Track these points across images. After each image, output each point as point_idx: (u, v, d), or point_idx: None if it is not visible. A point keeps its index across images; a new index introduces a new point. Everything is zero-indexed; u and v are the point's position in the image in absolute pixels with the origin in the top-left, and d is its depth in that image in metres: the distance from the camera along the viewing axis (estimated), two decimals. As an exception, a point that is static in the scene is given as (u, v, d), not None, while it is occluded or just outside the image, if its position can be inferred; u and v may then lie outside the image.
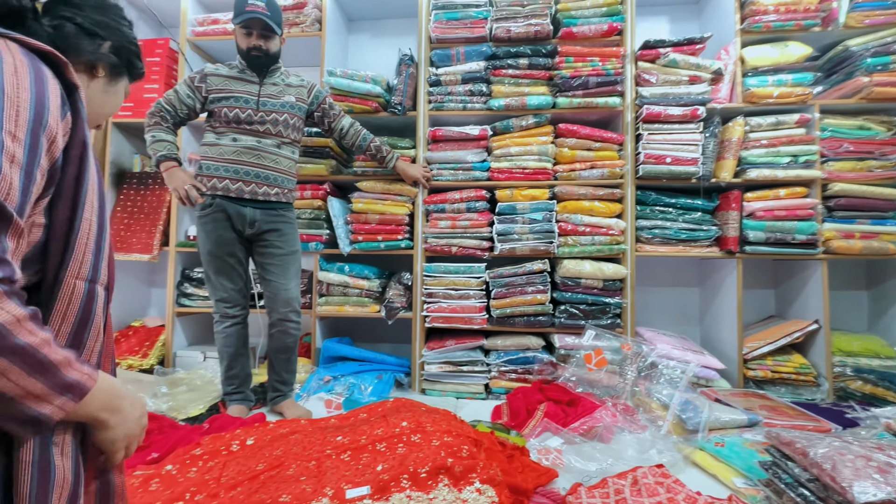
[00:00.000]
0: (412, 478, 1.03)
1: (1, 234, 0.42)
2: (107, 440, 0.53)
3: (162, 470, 1.17)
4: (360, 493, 0.97)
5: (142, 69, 0.73)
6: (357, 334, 2.35)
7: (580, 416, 1.58)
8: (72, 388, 0.46)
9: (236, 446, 1.26)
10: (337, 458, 1.12)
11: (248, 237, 1.66)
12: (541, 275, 1.94)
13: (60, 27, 0.59)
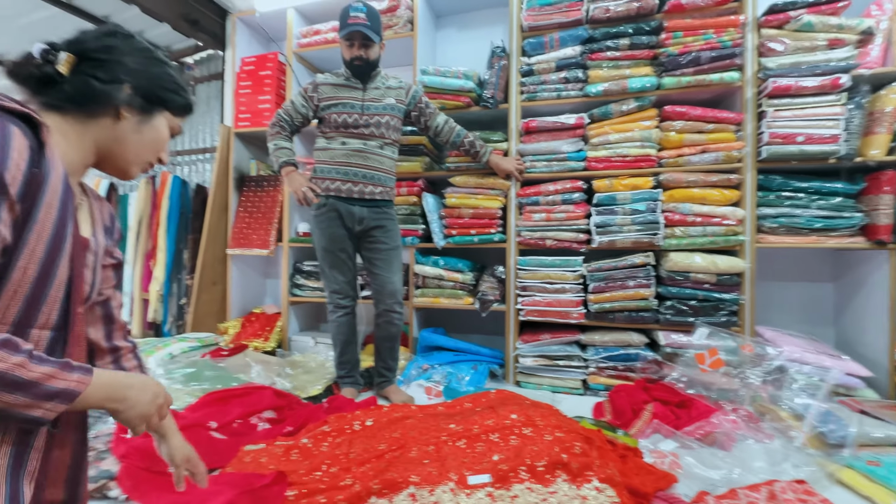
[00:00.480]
0: (530, 470, 1.05)
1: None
2: (123, 421, 0.61)
3: (299, 442, 1.32)
4: (481, 481, 1.02)
5: (181, 102, 0.74)
6: (450, 325, 2.43)
7: (694, 420, 1.49)
8: (58, 395, 0.51)
9: (358, 426, 1.39)
10: (453, 444, 1.18)
11: (357, 234, 1.79)
12: (644, 268, 1.84)
13: (80, 83, 0.63)
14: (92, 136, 0.67)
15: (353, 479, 1.09)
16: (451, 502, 0.95)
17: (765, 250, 1.90)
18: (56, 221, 0.56)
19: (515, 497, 0.98)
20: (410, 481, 1.01)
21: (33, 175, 0.53)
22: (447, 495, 0.96)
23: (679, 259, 1.79)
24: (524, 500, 0.97)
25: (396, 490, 1.00)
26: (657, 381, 1.77)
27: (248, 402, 1.56)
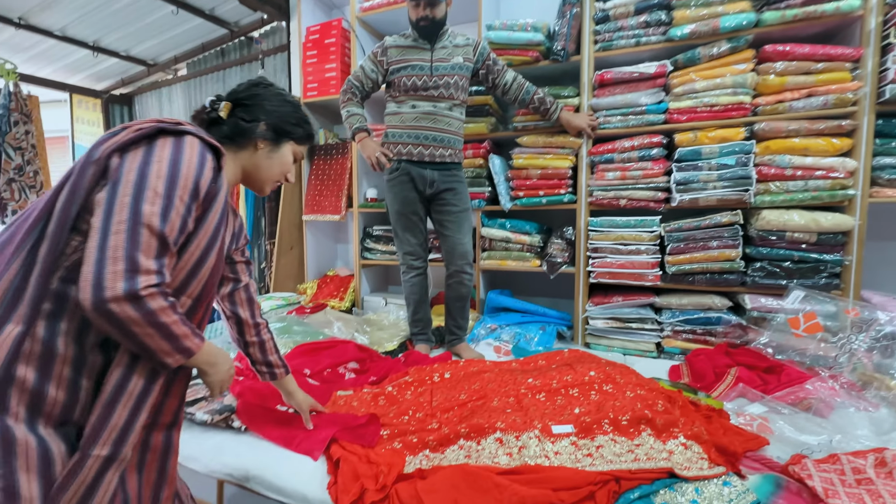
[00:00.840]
0: (613, 423, 1.07)
1: (163, 257, 0.65)
2: (207, 382, 0.81)
3: (385, 390, 1.44)
4: (565, 430, 1.06)
5: (301, 133, 0.95)
6: (516, 287, 2.45)
7: (784, 386, 1.42)
8: (184, 350, 0.70)
9: (437, 378, 1.47)
10: (533, 397, 1.22)
11: (428, 197, 1.83)
12: (731, 228, 1.72)
13: (233, 123, 0.88)
14: (240, 163, 0.91)
15: (439, 423, 1.18)
16: (537, 447, 1.00)
17: (878, 206, 1.69)
18: (217, 224, 0.74)
19: (600, 447, 1.01)
20: (497, 427, 1.06)
21: (212, 188, 0.73)
22: (533, 441, 1.01)
23: (773, 217, 1.65)
24: (609, 450, 1.00)
25: (483, 434, 1.06)
26: (741, 346, 1.68)
27: (335, 354, 1.71)
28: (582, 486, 0.85)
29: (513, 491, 0.83)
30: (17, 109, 3.05)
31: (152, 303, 0.63)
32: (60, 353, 0.63)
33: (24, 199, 3.13)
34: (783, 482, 0.96)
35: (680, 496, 0.90)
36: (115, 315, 0.61)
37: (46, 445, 0.60)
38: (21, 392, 0.60)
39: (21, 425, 0.59)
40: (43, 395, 0.61)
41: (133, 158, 0.66)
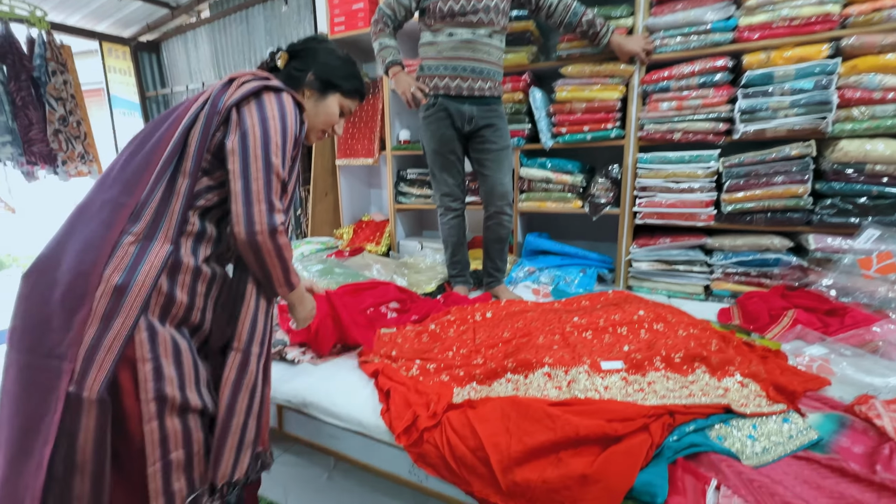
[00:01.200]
0: (665, 361, 1.05)
1: (283, 200, 0.82)
2: (296, 318, 0.98)
3: (427, 328, 1.46)
4: (615, 367, 1.05)
5: (349, 86, 0.97)
6: (554, 230, 2.38)
7: (848, 328, 1.34)
8: (290, 284, 0.87)
9: (479, 317, 1.48)
10: (579, 335, 1.21)
11: (466, 134, 1.74)
12: (800, 161, 1.56)
13: (286, 72, 0.94)
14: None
15: (484, 359, 1.19)
16: (587, 381, 0.99)
17: (982, 132, 1.48)
18: (298, 163, 0.89)
19: (652, 383, 1.00)
20: (545, 361, 1.07)
21: (300, 138, 0.87)
22: (582, 375, 1.01)
23: (852, 148, 1.48)
24: (662, 385, 0.98)
25: (531, 368, 1.07)
26: (799, 289, 1.59)
27: (377, 294, 1.74)
28: (635, 418, 0.85)
29: (565, 420, 0.84)
30: (52, 59, 3.08)
31: (282, 238, 0.81)
32: (184, 264, 0.76)
33: (72, 150, 3.24)
34: (847, 421, 0.93)
35: (736, 431, 0.89)
36: (259, 245, 0.78)
37: (176, 339, 0.75)
38: (159, 295, 0.73)
39: (156, 321, 0.73)
40: (173, 298, 0.75)
41: (251, 113, 0.79)
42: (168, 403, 0.71)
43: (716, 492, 0.74)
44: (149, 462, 0.69)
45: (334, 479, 1.42)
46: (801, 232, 1.66)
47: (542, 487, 0.77)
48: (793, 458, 0.83)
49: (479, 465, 0.83)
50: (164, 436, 0.70)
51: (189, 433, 0.74)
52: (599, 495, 0.74)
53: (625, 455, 0.78)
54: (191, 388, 0.75)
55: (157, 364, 0.70)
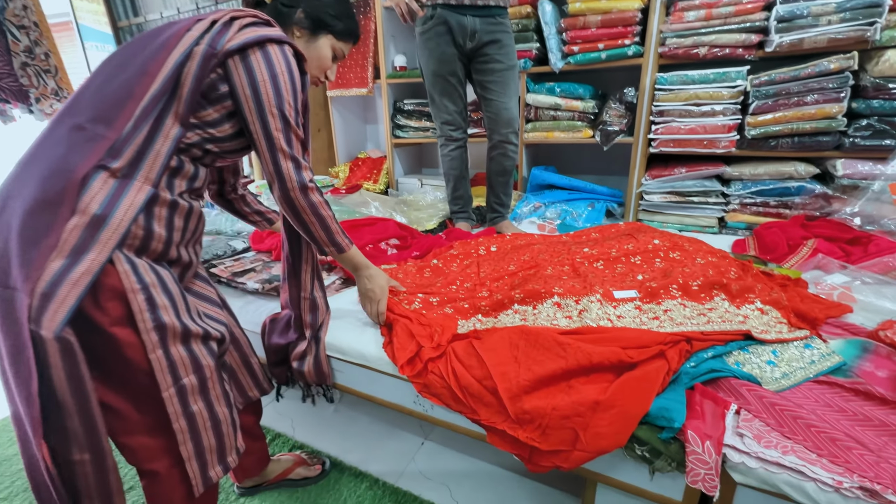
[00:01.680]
0: (682, 289, 0.99)
1: (307, 156, 0.82)
2: (358, 290, 1.03)
3: (430, 262, 1.40)
4: (628, 296, 0.99)
5: (341, 27, 0.89)
6: (560, 164, 2.26)
7: (872, 256, 1.28)
8: (336, 244, 0.89)
9: (483, 251, 1.41)
10: (590, 265, 1.15)
11: (469, 52, 1.57)
12: (839, 76, 1.41)
13: (273, 7, 0.87)
14: None
15: (489, 291, 1.14)
16: (599, 311, 0.94)
17: None
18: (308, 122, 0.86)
19: (668, 311, 0.95)
20: (554, 291, 1.01)
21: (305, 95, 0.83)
22: (594, 304, 0.96)
23: (900, 58, 1.32)
24: (678, 313, 0.94)
25: (540, 299, 1.02)
26: (819, 218, 1.51)
27: (376, 231, 1.66)
28: (651, 345, 0.80)
29: (577, 347, 0.80)
30: (7, -21, 2.76)
31: (315, 195, 0.82)
32: (161, 198, 0.71)
33: (44, 86, 3.01)
34: (871, 346, 0.89)
35: (755, 357, 0.85)
36: (293, 202, 0.80)
37: (157, 270, 0.71)
38: (137, 230, 0.68)
39: (133, 256, 0.69)
40: (151, 232, 0.70)
41: (259, 67, 0.74)
42: (169, 331, 0.69)
43: (736, 416, 0.71)
44: (162, 388, 0.68)
45: (341, 412, 1.43)
46: (828, 158, 1.55)
47: (553, 414, 0.74)
48: (814, 382, 0.79)
49: (487, 393, 0.80)
50: (171, 362, 0.69)
51: (197, 360, 0.72)
52: (613, 421, 0.71)
53: (640, 381, 0.74)
54: (185, 316, 0.72)
55: (149, 294, 0.67)
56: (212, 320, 0.79)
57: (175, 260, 0.76)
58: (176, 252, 0.76)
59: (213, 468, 0.75)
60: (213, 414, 0.75)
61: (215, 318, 0.81)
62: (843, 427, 0.68)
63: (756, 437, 0.67)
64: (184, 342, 0.71)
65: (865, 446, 0.64)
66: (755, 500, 0.66)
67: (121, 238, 0.65)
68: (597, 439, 0.70)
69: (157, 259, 0.73)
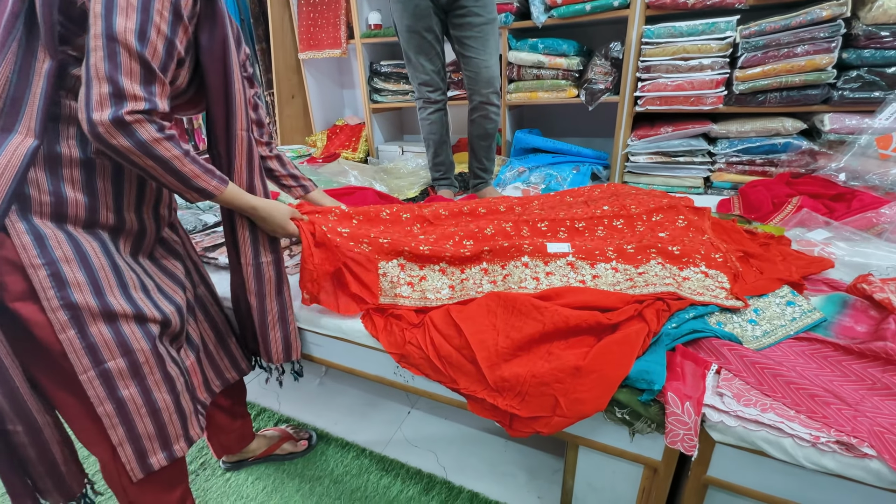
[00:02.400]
0: (618, 251, 0.96)
1: (151, 84, 0.61)
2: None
3: (379, 214, 1.14)
4: (561, 250, 0.96)
5: None
6: (545, 126, 2.19)
7: (855, 213, 1.27)
8: (199, 190, 0.70)
9: (428, 211, 1.27)
10: (534, 224, 1.09)
11: (445, 5, 1.47)
12: (831, 25, 1.35)
13: None
14: None
15: (453, 246, 1.03)
16: (525, 271, 0.92)
17: None
18: (222, 46, 0.71)
19: (597, 277, 0.91)
20: (524, 250, 0.97)
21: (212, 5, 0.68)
22: (519, 268, 0.93)
23: (893, 4, 1.27)
24: (610, 278, 0.90)
25: (508, 258, 0.97)
26: (804, 175, 1.50)
27: (355, 200, 1.60)
28: (621, 306, 0.79)
29: (553, 311, 0.77)
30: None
31: (142, 132, 0.60)
32: (65, 156, 0.63)
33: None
34: (850, 300, 0.88)
35: (737, 316, 0.84)
36: (106, 141, 0.59)
37: (78, 240, 0.64)
38: (40, 195, 0.61)
39: (48, 223, 0.62)
40: (62, 197, 0.63)
41: None
42: (84, 311, 0.63)
43: (716, 375, 0.70)
44: (77, 371, 0.63)
45: (325, 384, 1.43)
46: (816, 112, 1.51)
47: (532, 381, 0.72)
48: (795, 339, 0.79)
49: (466, 362, 0.78)
50: (89, 344, 0.63)
51: (125, 342, 0.66)
52: (593, 385, 0.70)
53: (620, 344, 0.73)
54: (112, 294, 0.65)
55: (55, 269, 0.61)
56: (163, 298, 0.73)
57: (116, 227, 0.69)
58: (114, 218, 0.69)
59: (154, 455, 0.71)
60: (149, 400, 0.69)
61: (167, 297, 0.75)
62: (822, 383, 0.68)
63: (735, 395, 0.66)
64: (108, 322, 0.65)
65: (844, 401, 0.64)
66: (733, 458, 0.66)
67: (5, 203, 0.57)
68: (577, 404, 0.69)
69: (87, 226, 0.66)
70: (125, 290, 0.67)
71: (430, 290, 0.93)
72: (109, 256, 0.67)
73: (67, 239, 0.63)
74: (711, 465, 0.69)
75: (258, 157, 0.83)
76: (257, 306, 0.88)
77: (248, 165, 0.80)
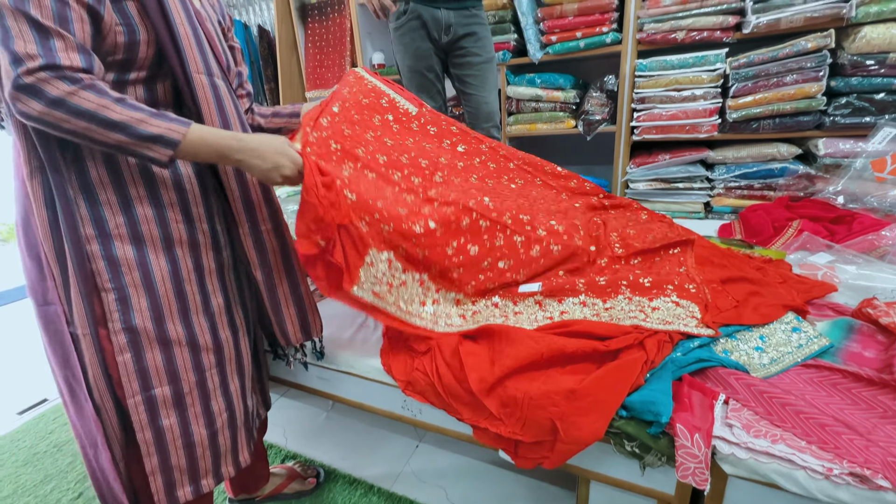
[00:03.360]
0: (588, 284, 0.95)
1: (46, 40, 0.54)
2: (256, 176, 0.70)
3: (351, 115, 0.96)
4: (530, 289, 0.95)
5: None
6: (545, 155, 2.23)
7: (856, 235, 1.28)
8: (155, 139, 0.59)
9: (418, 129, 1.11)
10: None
11: (444, 46, 1.54)
12: (817, 55, 1.41)
13: None
14: None
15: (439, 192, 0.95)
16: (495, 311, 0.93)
17: None
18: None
19: (564, 312, 0.92)
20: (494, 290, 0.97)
21: None
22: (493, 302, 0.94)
23: (876, 34, 1.32)
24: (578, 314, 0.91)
25: (481, 296, 0.98)
26: (803, 199, 1.51)
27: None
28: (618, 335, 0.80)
29: (550, 339, 0.78)
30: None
31: (50, 89, 0.54)
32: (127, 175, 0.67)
33: None
34: (856, 325, 0.88)
35: (743, 344, 0.84)
36: (24, 112, 0.55)
37: (149, 265, 0.68)
38: (114, 214, 0.66)
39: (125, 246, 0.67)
40: (133, 216, 0.67)
41: None
42: (142, 335, 0.66)
43: (724, 406, 0.70)
44: (126, 394, 0.66)
45: (333, 419, 1.41)
46: (810, 137, 1.55)
47: (530, 404, 0.73)
48: (803, 366, 0.78)
49: (465, 393, 0.79)
50: (142, 368, 0.67)
51: (174, 369, 0.69)
52: (588, 410, 0.69)
53: (616, 370, 0.73)
54: (172, 319, 0.69)
55: (123, 294, 0.65)
56: (225, 322, 0.75)
57: (192, 242, 0.71)
58: (187, 232, 0.70)
59: (182, 488, 0.72)
60: (186, 432, 0.71)
61: (231, 319, 0.76)
62: (832, 411, 0.67)
63: (745, 426, 0.66)
64: (162, 348, 0.67)
65: (855, 430, 0.64)
66: (747, 491, 0.65)
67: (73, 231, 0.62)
68: (573, 429, 0.69)
69: (165, 246, 0.68)
70: (185, 317, 0.70)
71: (407, 302, 0.87)
72: (177, 281, 0.69)
73: (138, 264, 0.66)
74: (726, 499, 0.68)
75: (236, 106, 0.73)
76: (264, 281, 0.79)
77: (220, 112, 0.70)
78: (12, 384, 1.76)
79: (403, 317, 0.86)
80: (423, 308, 0.90)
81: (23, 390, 1.69)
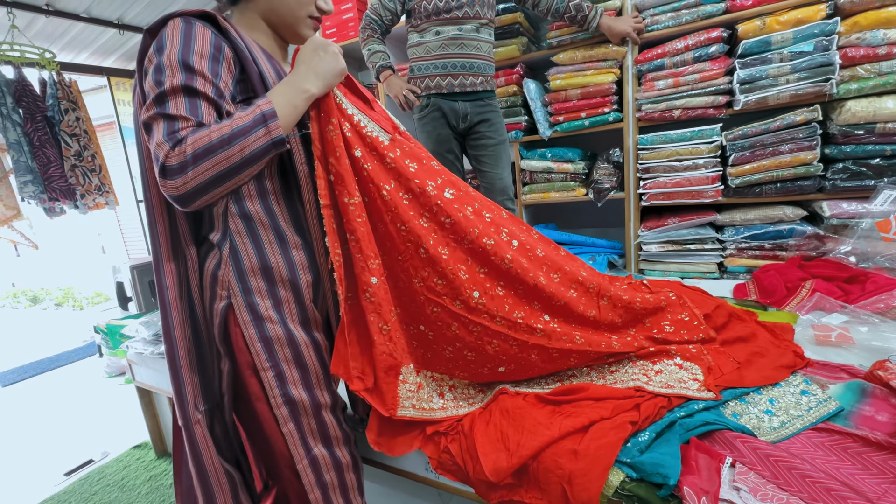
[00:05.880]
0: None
1: (175, 122, 0.65)
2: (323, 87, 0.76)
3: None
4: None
5: None
6: (560, 220, 2.36)
7: (870, 295, 1.29)
8: (258, 119, 0.68)
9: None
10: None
11: (462, 132, 1.75)
12: (807, 127, 1.51)
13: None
14: (252, 13, 0.81)
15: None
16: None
17: None
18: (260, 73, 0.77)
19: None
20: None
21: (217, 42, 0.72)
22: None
23: (860, 108, 1.43)
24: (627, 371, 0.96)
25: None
26: (816, 258, 1.54)
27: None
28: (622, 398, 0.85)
29: (561, 426, 0.82)
30: (64, 98, 3.21)
31: (195, 141, 0.63)
32: (247, 261, 0.79)
33: (89, 183, 3.37)
34: (869, 388, 0.90)
35: (752, 407, 0.87)
36: (183, 197, 0.65)
37: (296, 342, 0.80)
38: (262, 298, 0.78)
39: (275, 327, 0.77)
40: (274, 288, 0.79)
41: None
42: (299, 405, 0.76)
43: (731, 469, 0.72)
44: (296, 460, 0.76)
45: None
46: (813, 200, 1.61)
47: (539, 468, 0.77)
48: (813, 430, 0.80)
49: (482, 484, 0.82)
50: (303, 435, 0.77)
51: (325, 430, 0.80)
52: (588, 469, 0.73)
53: (609, 428, 0.78)
54: (319, 387, 0.80)
55: (279, 370, 0.75)
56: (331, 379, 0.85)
57: (315, 283, 0.82)
58: (312, 275, 0.81)
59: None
60: (341, 473, 0.82)
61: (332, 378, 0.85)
62: (841, 476, 0.69)
63: (752, 490, 0.68)
64: (315, 413, 0.78)
65: (864, 495, 0.65)
66: (761, 558, 0.66)
67: (222, 315, 0.74)
68: (580, 491, 0.72)
69: (304, 323, 0.80)
70: (328, 381, 0.81)
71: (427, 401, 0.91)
72: (319, 352, 0.81)
73: (288, 340, 0.77)
74: (742, 567, 0.68)
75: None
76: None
77: None
78: (58, 445, 1.87)
79: (426, 416, 0.90)
80: (441, 400, 0.94)
81: (69, 451, 1.80)
